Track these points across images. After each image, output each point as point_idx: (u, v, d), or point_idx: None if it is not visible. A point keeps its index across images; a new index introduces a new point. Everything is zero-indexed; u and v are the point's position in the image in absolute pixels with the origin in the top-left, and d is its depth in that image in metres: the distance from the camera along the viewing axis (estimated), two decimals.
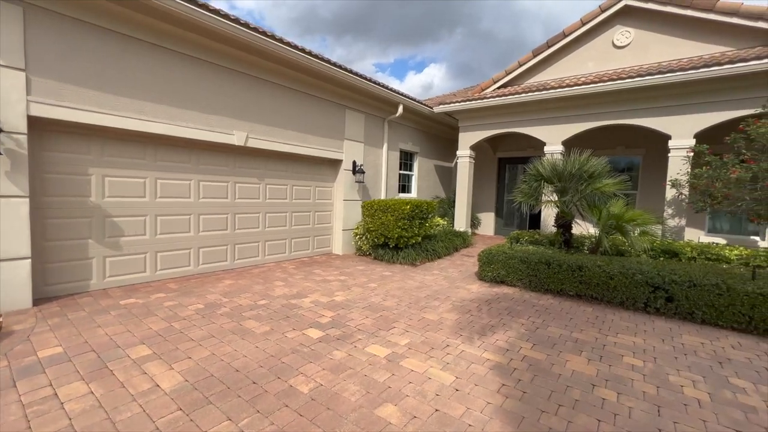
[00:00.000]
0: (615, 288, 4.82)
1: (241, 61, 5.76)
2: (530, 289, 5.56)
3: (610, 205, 5.88)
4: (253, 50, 5.63)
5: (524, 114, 8.35)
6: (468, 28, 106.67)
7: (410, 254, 7.14)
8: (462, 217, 9.60)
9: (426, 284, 5.75)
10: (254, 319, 3.96)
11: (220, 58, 5.51)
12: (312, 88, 7.02)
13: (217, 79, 5.55)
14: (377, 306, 4.60)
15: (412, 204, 6.96)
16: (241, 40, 5.28)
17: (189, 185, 5.55)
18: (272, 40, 5.55)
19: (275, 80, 6.35)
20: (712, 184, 5.19)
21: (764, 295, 3.94)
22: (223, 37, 5.17)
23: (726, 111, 6.18)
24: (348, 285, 5.51)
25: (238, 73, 5.82)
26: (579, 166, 5.82)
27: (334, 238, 8.12)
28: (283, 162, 6.92)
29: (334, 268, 6.67)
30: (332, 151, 7.60)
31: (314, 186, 7.63)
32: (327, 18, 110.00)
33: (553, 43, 8.37)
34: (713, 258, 5.50)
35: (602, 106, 7.35)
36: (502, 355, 3.32)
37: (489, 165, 11.40)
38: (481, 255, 6.03)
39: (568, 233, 6.41)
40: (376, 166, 8.87)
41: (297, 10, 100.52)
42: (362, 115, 8.29)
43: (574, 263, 5.13)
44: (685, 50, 7.11)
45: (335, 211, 8.06)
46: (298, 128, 6.87)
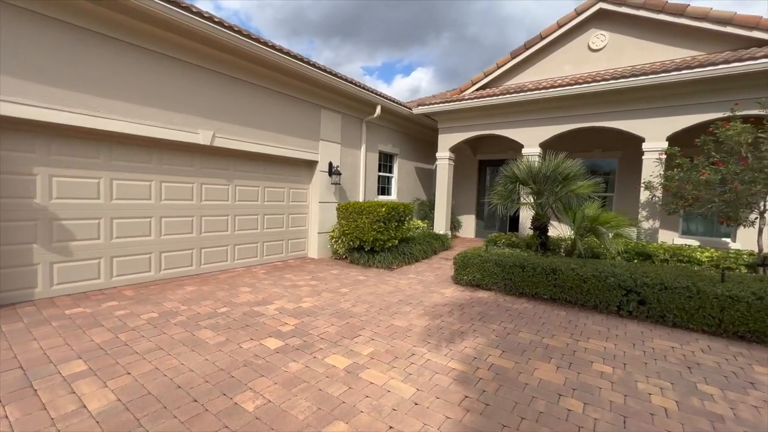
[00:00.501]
0: (588, 291, 4.75)
1: (207, 57, 5.51)
2: (505, 293, 5.46)
3: (585, 208, 5.85)
4: (216, 45, 5.39)
5: (502, 116, 8.32)
6: (454, 33, 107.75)
7: (386, 258, 6.97)
8: (441, 219, 9.49)
9: (400, 289, 5.58)
10: (210, 328, 3.72)
11: (185, 54, 5.25)
12: (286, 87, 6.80)
13: (182, 75, 5.29)
14: (345, 312, 4.40)
15: (388, 206, 6.80)
16: (202, 34, 5.03)
17: (149, 186, 5.25)
18: (235, 34, 5.32)
19: (246, 78, 6.11)
20: (684, 186, 5.20)
21: (733, 297, 3.91)
22: (183, 29, 4.91)
23: (697, 114, 6.24)
24: (318, 290, 5.30)
25: (205, 70, 5.57)
26: (553, 167, 5.77)
27: (309, 242, 7.89)
28: (254, 163, 6.67)
29: (307, 272, 6.44)
30: (307, 152, 7.39)
31: (288, 188, 7.39)
32: (314, 20, 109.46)
33: (531, 45, 8.37)
34: (685, 260, 5.50)
35: (578, 108, 7.36)
36: (468, 364, 3.17)
37: (469, 167, 11.36)
38: (457, 258, 5.91)
39: (544, 236, 6.35)
40: (354, 167, 8.68)
41: (284, 11, 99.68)
42: (339, 116, 8.11)
43: (548, 266, 5.04)
44: (657, 54, 7.18)
45: (311, 213, 7.84)
46: (270, 128, 6.64)
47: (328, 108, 7.80)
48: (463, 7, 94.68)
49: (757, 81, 5.70)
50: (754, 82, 5.71)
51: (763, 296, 3.81)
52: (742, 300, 3.86)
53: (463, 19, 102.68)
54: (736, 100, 5.64)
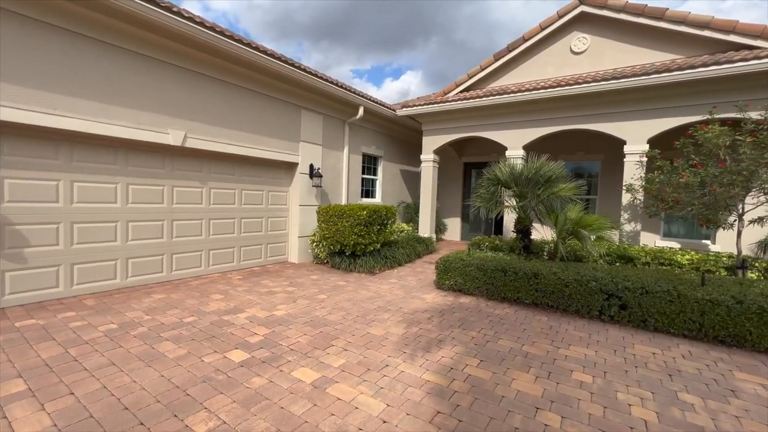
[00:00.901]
0: (570, 296, 4.66)
1: (177, 54, 5.28)
2: (487, 298, 5.34)
3: (568, 210, 5.79)
4: (185, 41, 5.16)
5: (486, 118, 8.26)
6: (443, 37, 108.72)
7: (368, 262, 6.80)
8: (426, 222, 9.37)
9: (380, 294, 5.41)
10: (172, 340, 3.48)
11: (152, 50, 5.01)
12: (263, 87, 6.59)
13: (150, 73, 5.04)
14: (320, 321, 4.21)
15: (370, 209, 6.64)
16: (167, 28, 4.80)
17: (115, 189, 4.98)
18: (205, 30, 5.10)
19: (220, 77, 5.89)
20: (664, 189, 5.17)
21: (713, 301, 3.86)
22: (146, 23, 4.67)
23: (676, 117, 6.26)
24: (294, 297, 5.10)
25: (176, 68, 5.33)
26: (536, 170, 5.70)
27: (290, 246, 7.66)
28: (230, 164, 6.43)
29: (285, 278, 6.22)
30: (287, 154, 7.18)
31: (267, 190, 7.16)
32: (303, 23, 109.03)
33: (514, 47, 8.35)
34: (666, 263, 5.48)
35: (561, 110, 7.34)
36: (444, 375, 3.02)
37: (455, 170, 11.29)
38: (439, 263, 5.77)
39: (527, 239, 6.27)
40: (336, 170, 8.50)
41: (273, 13, 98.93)
42: (320, 117, 7.92)
43: (530, 270, 4.94)
44: (638, 57, 7.21)
45: (291, 216, 7.62)
46: (247, 129, 6.42)
47: (308, 109, 7.61)
48: (451, 12, 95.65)
49: (734, 84, 5.73)
50: (732, 85, 5.75)
51: (743, 300, 3.77)
52: (722, 304, 3.82)
53: (451, 24, 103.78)
54: (715, 104, 5.66)
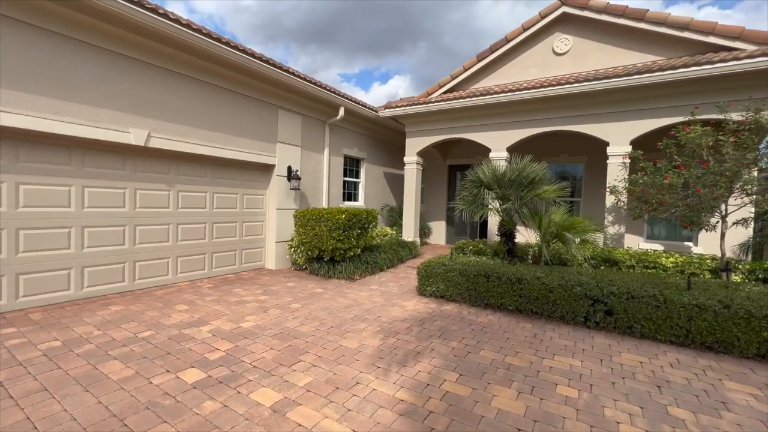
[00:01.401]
0: (555, 302, 4.48)
1: (141, 48, 4.94)
2: (470, 304, 5.13)
3: (552, 213, 5.65)
4: (150, 35, 4.84)
5: (469, 119, 8.11)
6: (431, 42, 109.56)
7: (348, 268, 6.52)
8: (410, 226, 9.15)
9: (358, 302, 5.14)
10: (121, 359, 3.14)
11: (110, 42, 4.66)
12: (238, 85, 6.28)
13: (110, 67, 4.69)
14: (290, 333, 3.91)
15: (349, 213, 6.37)
16: (123, 18, 4.47)
17: (69, 192, 4.59)
18: (168, 21, 4.78)
19: (189, 73, 5.56)
20: (648, 191, 5.07)
21: (700, 306, 3.72)
22: (100, 13, 4.33)
23: (659, 118, 6.21)
24: (266, 307, 4.78)
25: (141, 63, 4.99)
26: (519, 171, 5.54)
27: (266, 251, 7.32)
28: (201, 166, 6.09)
29: (259, 285, 5.89)
30: (263, 155, 6.86)
31: (242, 193, 6.82)
32: (291, 26, 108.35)
33: (496, 48, 8.25)
34: (651, 266, 5.37)
35: (544, 112, 7.24)
36: (419, 393, 2.77)
37: (439, 172, 11.13)
38: (420, 268, 5.54)
39: (511, 242, 6.10)
40: (316, 172, 8.22)
41: (260, 17, 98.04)
42: (298, 117, 7.64)
43: (513, 276, 4.75)
44: (620, 59, 7.18)
45: (268, 221, 7.29)
46: (220, 129, 6.09)
47: (286, 109, 7.32)
48: (438, 18, 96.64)
49: (715, 85, 5.71)
50: (713, 86, 5.72)
51: (730, 304, 3.64)
52: (709, 309, 3.68)
53: (439, 30, 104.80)
54: (696, 104, 5.61)
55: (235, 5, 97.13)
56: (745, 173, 4.40)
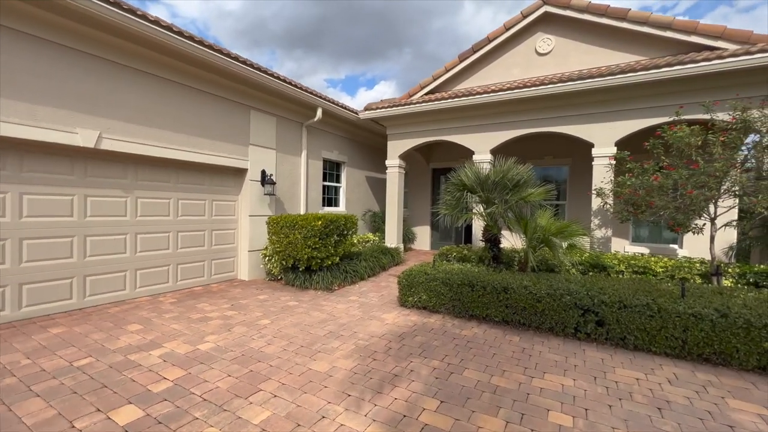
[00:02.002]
0: (543, 312, 4.19)
1: (85, 38, 4.47)
2: (454, 315, 4.80)
3: (537, 217, 5.40)
4: (97, 25, 4.38)
5: (452, 121, 7.86)
6: (415, 49, 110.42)
7: (326, 278, 6.12)
8: (393, 232, 8.81)
9: (334, 316, 4.75)
10: (45, 396, 2.67)
11: (55, 34, 4.19)
12: (204, 83, 5.85)
13: (52, 60, 4.22)
14: (253, 355, 3.50)
15: (325, 219, 5.99)
16: (71, 8, 4.03)
17: (3, 200, 4.08)
18: (124, 13, 4.35)
19: (147, 69, 5.12)
20: (637, 193, 4.87)
21: (696, 315, 3.48)
22: (46, 2, 3.89)
23: (643, 119, 6.07)
24: (231, 324, 4.34)
25: (86, 55, 4.52)
26: (503, 174, 5.28)
27: (239, 261, 6.86)
28: (164, 170, 5.62)
29: (228, 299, 5.43)
30: (234, 159, 6.43)
31: (211, 200, 6.36)
32: (277, 31, 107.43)
33: (479, 48, 8.05)
34: (640, 271, 5.16)
35: (528, 113, 7.04)
36: (393, 427, 2.40)
37: (423, 176, 10.85)
38: (401, 278, 5.19)
39: (496, 248, 5.83)
40: (293, 176, 7.81)
41: (244, 22, 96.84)
42: (273, 118, 7.24)
43: (499, 285, 4.45)
44: (602, 59, 7.06)
45: (240, 228, 6.83)
46: (185, 130, 5.64)
47: (259, 109, 6.91)
48: (423, 26, 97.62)
49: (699, 85, 5.59)
50: (697, 85, 5.61)
51: (727, 313, 3.41)
52: (706, 318, 3.44)
53: (423, 37, 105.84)
54: (681, 104, 5.47)
55: (219, 10, 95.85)
56: (734, 173, 4.23)
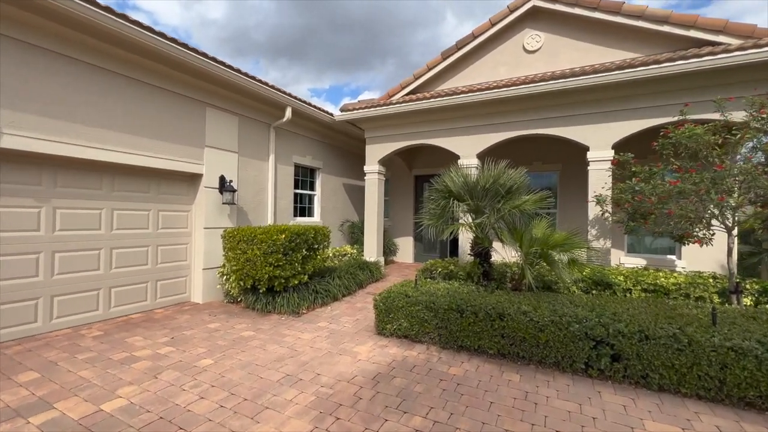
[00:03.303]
0: (547, 344, 3.48)
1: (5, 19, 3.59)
2: (441, 346, 4.04)
3: (532, 228, 4.73)
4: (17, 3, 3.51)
5: (435, 123, 7.21)
6: (399, 60, 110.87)
7: (292, 300, 5.26)
8: (372, 244, 8.03)
9: (297, 350, 3.91)
10: None
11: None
12: (145, 73, 5.00)
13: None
14: (175, 418, 2.62)
15: (291, 231, 5.16)
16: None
17: None
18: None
19: (75, 55, 4.25)
20: (649, 199, 4.26)
21: (737, 350, 2.83)
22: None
23: (643, 119, 5.56)
24: (161, 368, 3.44)
25: None
26: (493, 179, 4.61)
27: (192, 281, 5.92)
28: (93, 175, 4.70)
29: (170, 330, 4.50)
30: (185, 162, 5.55)
31: (156, 210, 5.44)
32: (260, 41, 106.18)
33: (463, 45, 7.48)
34: (650, 288, 4.54)
35: (517, 114, 6.46)
36: None
37: (405, 183, 10.16)
38: (378, 301, 4.40)
39: (486, 263, 5.13)
40: (259, 183, 6.96)
41: (228, 30, 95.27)
42: (235, 118, 6.40)
43: (493, 310, 3.72)
44: (595, 56, 6.58)
45: (194, 243, 5.91)
46: (121, 126, 4.76)
47: (217, 107, 6.07)
48: (406, 37, 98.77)
49: (702, 82, 5.12)
50: (699, 83, 5.13)
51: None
52: (749, 353, 2.79)
53: (407, 48, 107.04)
54: (687, 102, 4.97)
55: (201, 18, 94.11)
56: (763, 178, 3.65)
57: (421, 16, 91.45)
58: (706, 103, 5.03)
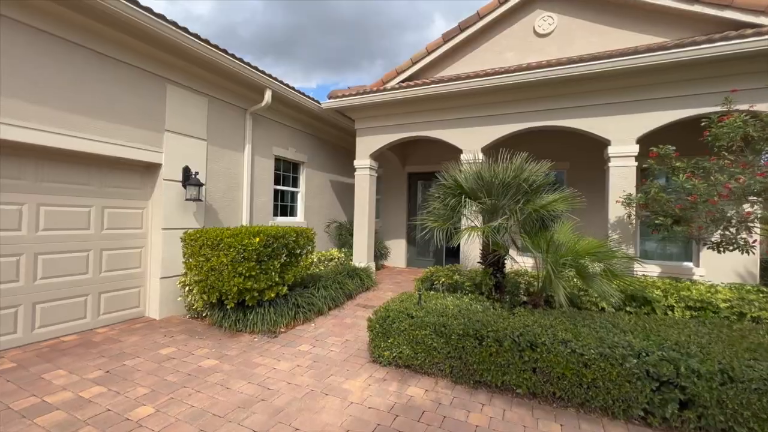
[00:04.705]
0: (594, 383, 2.71)
1: None
2: (453, 380, 3.22)
3: (553, 232, 3.99)
4: None
5: (434, 113, 6.42)
6: (387, 61, 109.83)
7: (267, 315, 4.37)
8: (362, 247, 7.17)
9: (270, 388, 3.03)
10: None
11: None
12: (86, 35, 4.01)
13: None
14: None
15: (266, 234, 4.26)
16: None
17: None
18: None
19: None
20: (711, 200, 3.56)
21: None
22: None
23: (672, 110, 4.91)
24: (76, 423, 2.50)
25: None
26: (514, 173, 3.83)
27: (148, 292, 4.93)
28: (14, 161, 3.69)
29: (109, 358, 3.54)
30: (139, 149, 4.57)
31: (101, 206, 4.45)
32: (247, 38, 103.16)
33: (466, 26, 6.71)
34: (696, 306, 3.84)
35: (528, 104, 5.73)
36: None
37: (398, 181, 9.33)
38: (373, 322, 3.56)
39: (500, 273, 4.36)
40: (233, 177, 6.01)
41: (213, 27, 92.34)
42: (203, 99, 5.45)
43: (521, 337, 2.93)
44: (614, 41, 5.92)
45: (150, 247, 4.93)
46: (53, 101, 3.77)
47: (180, 84, 5.10)
48: (395, 38, 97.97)
49: (741, 68, 4.50)
50: (743, 68, 4.49)
51: None
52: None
53: (396, 49, 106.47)
54: (733, 89, 4.30)
55: (186, 12, 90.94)
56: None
57: (410, 18, 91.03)
58: (749, 91, 4.40)
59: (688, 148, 4.64)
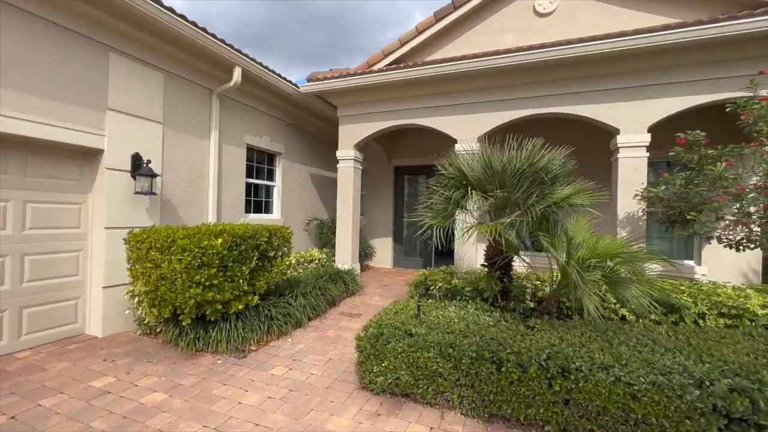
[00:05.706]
0: (644, 420, 2.16)
1: None
2: (462, 412, 2.62)
3: (569, 229, 3.45)
4: None
5: (425, 99, 5.80)
6: (367, 57, 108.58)
7: (236, 331, 3.64)
8: (346, 247, 6.49)
9: (233, 430, 2.33)
10: None
11: None
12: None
13: None
14: None
15: (233, 234, 3.53)
16: None
17: None
18: None
19: None
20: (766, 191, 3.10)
21: None
22: None
23: (688, 96, 4.49)
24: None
25: None
26: (528, 162, 3.26)
27: (87, 305, 4.09)
28: None
29: (20, 395, 2.74)
30: (73, 130, 3.72)
31: (20, 200, 3.58)
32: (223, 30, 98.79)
33: (461, 3, 6.11)
34: (731, 314, 3.38)
35: (528, 88, 5.21)
36: None
37: (384, 175, 8.68)
38: (362, 341, 2.91)
39: (507, 278, 3.79)
40: (197, 167, 5.19)
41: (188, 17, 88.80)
42: (158, 74, 4.61)
43: (550, 362, 2.35)
44: (622, 22, 5.47)
45: (91, 249, 4.09)
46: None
47: (128, 55, 4.26)
48: (374, 35, 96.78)
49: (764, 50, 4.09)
50: (761, 51, 4.10)
51: None
52: None
53: (375, 45, 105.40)
54: (762, 70, 3.88)
55: None
56: None
57: (389, 15, 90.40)
58: None
59: None
